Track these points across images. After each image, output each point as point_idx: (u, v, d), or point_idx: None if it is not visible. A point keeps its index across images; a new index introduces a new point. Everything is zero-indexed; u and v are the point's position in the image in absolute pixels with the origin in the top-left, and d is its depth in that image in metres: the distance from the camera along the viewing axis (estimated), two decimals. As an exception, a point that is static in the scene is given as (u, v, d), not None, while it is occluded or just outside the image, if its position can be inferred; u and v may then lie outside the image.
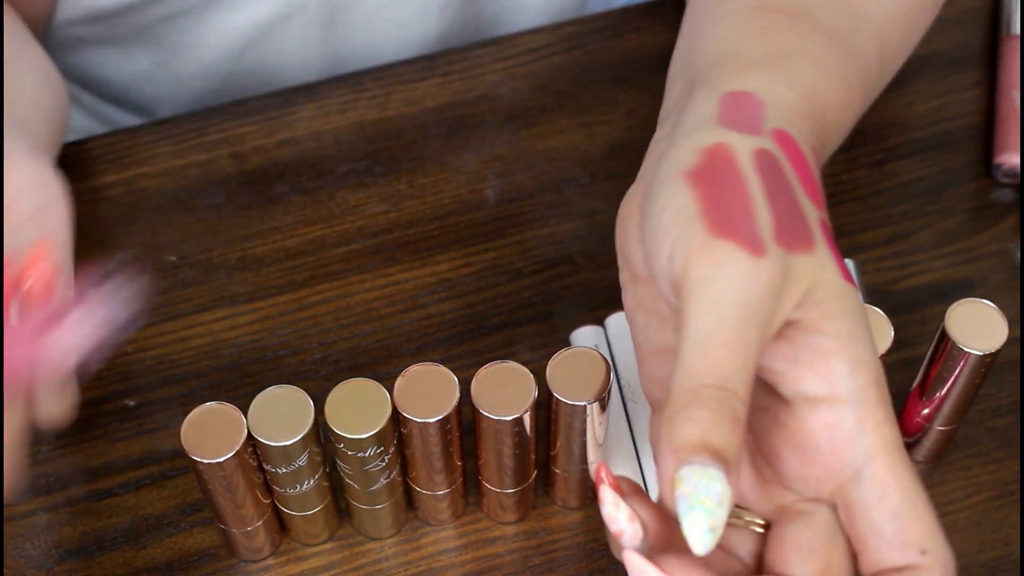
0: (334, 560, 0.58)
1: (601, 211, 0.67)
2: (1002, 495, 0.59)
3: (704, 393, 0.40)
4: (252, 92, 0.74)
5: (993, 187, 0.68)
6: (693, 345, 0.41)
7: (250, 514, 0.54)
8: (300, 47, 0.74)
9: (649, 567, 0.41)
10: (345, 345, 0.63)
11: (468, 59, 0.73)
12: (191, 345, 0.63)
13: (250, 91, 0.75)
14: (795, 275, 0.42)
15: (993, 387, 0.61)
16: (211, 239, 0.66)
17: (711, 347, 0.40)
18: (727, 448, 0.39)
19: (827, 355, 0.42)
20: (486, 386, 0.51)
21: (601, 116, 0.71)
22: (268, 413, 0.51)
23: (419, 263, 0.66)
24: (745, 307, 0.41)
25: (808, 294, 0.42)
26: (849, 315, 0.42)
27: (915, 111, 0.71)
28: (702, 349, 0.41)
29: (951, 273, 0.65)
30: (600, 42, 0.73)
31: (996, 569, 0.57)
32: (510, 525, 0.59)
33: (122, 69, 0.76)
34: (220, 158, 0.69)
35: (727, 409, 0.40)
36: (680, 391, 0.40)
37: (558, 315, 0.64)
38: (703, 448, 0.39)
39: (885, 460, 0.42)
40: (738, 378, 0.40)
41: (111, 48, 0.75)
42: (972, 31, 0.74)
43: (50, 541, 0.58)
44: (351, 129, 0.70)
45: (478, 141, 0.70)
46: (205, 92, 0.76)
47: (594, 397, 0.51)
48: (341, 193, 0.68)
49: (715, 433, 0.39)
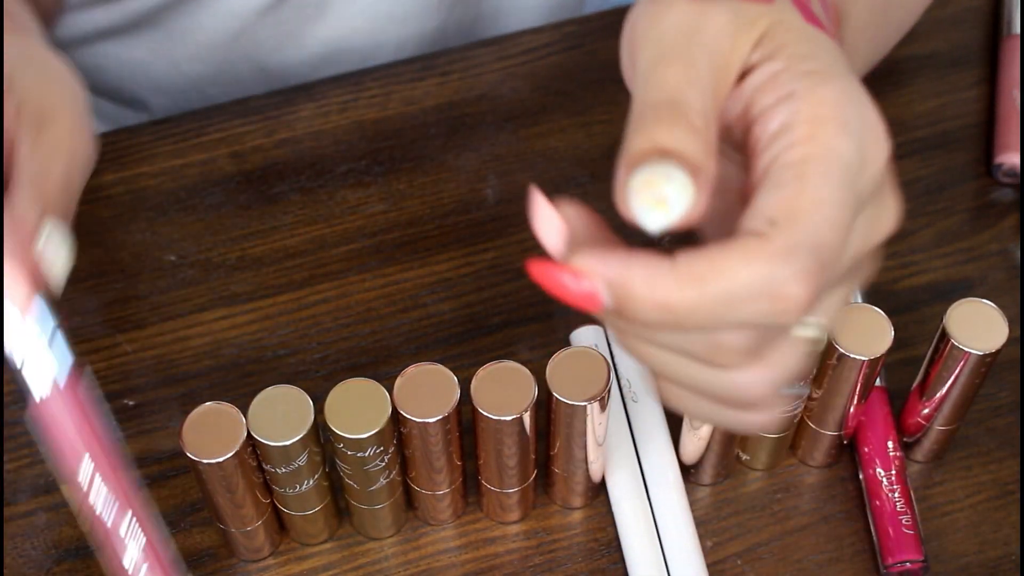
0: (334, 560, 0.58)
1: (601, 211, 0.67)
2: (1002, 495, 0.59)
3: (652, 110, 0.39)
4: (246, 79, 0.74)
5: (993, 187, 0.68)
6: (641, 80, 0.40)
7: (250, 514, 0.54)
8: (294, 33, 0.74)
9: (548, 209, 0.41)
10: (345, 345, 0.63)
11: (468, 59, 0.73)
12: (191, 345, 0.63)
13: (244, 78, 0.75)
14: (748, 18, 0.41)
15: (993, 387, 0.61)
16: (210, 239, 0.66)
17: (657, 70, 0.40)
18: (683, 149, 0.38)
19: (782, 76, 0.40)
20: (486, 386, 0.51)
21: (601, 116, 0.71)
22: (268, 413, 0.51)
23: (419, 263, 0.66)
24: (687, 35, 0.40)
25: (766, 34, 0.41)
26: (814, 51, 0.41)
27: (915, 111, 0.71)
28: (646, 77, 0.40)
29: (951, 273, 0.65)
30: (600, 42, 0.73)
31: (996, 569, 0.57)
32: (510, 525, 0.59)
33: (120, 60, 0.76)
34: (220, 157, 0.69)
35: (680, 118, 0.38)
36: (630, 117, 0.39)
37: (558, 315, 0.64)
38: (654, 151, 0.38)
39: (810, 152, 0.39)
40: (690, 93, 0.39)
41: (111, 39, 0.75)
42: (972, 31, 0.74)
43: (49, 541, 0.58)
44: (351, 129, 0.70)
45: (478, 141, 0.70)
46: (200, 78, 0.76)
47: (594, 397, 0.51)
48: (341, 193, 0.68)
49: (667, 138, 0.38)
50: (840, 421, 0.57)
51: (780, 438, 0.58)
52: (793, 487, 0.59)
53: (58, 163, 0.51)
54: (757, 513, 0.59)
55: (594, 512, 0.59)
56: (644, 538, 0.57)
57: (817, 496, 0.59)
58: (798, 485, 0.60)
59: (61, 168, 0.52)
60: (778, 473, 0.60)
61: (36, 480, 0.59)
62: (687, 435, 0.57)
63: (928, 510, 0.59)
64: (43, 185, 0.50)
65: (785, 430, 0.57)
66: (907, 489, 0.57)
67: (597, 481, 0.58)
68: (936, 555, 0.57)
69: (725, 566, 0.57)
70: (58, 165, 0.51)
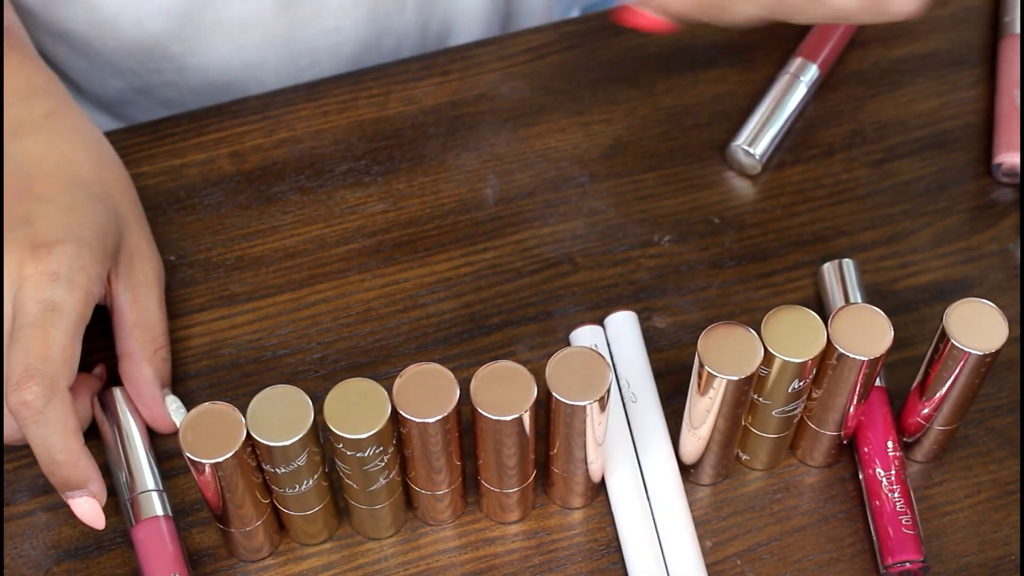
0: (333, 560, 0.58)
1: (601, 211, 0.67)
2: (1002, 495, 0.59)
3: None
4: (206, 43, 0.73)
5: (993, 186, 0.68)
6: None
7: (249, 514, 0.54)
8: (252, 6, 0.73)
9: None
10: (344, 345, 0.63)
11: (467, 58, 0.73)
12: (190, 345, 0.63)
13: (202, 43, 0.74)
14: None
15: (993, 387, 0.61)
16: (210, 238, 0.66)
17: None
18: None
19: None
20: (486, 386, 0.51)
21: (600, 115, 0.71)
22: (267, 413, 0.51)
23: (418, 262, 0.65)
24: None
25: None
26: None
27: (915, 110, 0.71)
28: None
29: (951, 273, 0.65)
30: (599, 41, 0.73)
31: (996, 569, 0.57)
32: (510, 525, 0.59)
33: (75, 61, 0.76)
34: (219, 157, 0.69)
35: None
36: None
37: (558, 315, 0.64)
38: None
39: None
40: None
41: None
42: (972, 30, 0.74)
43: (49, 541, 0.58)
44: (350, 128, 0.70)
45: (477, 140, 0.70)
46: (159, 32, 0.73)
47: (594, 397, 0.51)
48: (340, 192, 0.68)
49: None
50: (840, 421, 0.57)
51: (780, 438, 0.58)
52: (793, 487, 0.59)
53: (155, 303, 0.60)
54: (757, 513, 0.59)
55: (594, 512, 0.59)
56: (644, 538, 0.57)
57: (817, 496, 0.59)
58: (798, 485, 0.59)
59: (157, 307, 0.61)
60: (778, 473, 0.60)
61: (36, 480, 0.59)
62: (687, 435, 0.57)
63: (928, 510, 0.59)
64: (154, 339, 0.60)
65: (785, 430, 0.57)
66: (907, 489, 0.57)
67: (597, 481, 0.58)
68: (936, 555, 0.57)
69: (725, 566, 0.57)
70: (156, 306, 0.60)
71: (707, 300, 0.64)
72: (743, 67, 0.72)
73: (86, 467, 0.54)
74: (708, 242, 0.66)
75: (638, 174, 0.68)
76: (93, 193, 0.59)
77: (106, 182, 0.60)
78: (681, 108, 0.71)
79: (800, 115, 0.70)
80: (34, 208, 0.57)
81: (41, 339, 0.53)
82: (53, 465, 0.53)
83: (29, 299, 0.54)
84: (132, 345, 0.59)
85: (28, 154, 0.59)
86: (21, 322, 0.54)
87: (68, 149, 0.60)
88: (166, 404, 0.59)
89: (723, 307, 0.64)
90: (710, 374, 0.52)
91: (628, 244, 0.66)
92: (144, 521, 0.56)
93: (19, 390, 0.52)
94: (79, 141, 0.60)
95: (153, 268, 0.61)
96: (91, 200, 0.58)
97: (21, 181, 0.58)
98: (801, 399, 0.55)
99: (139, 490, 0.56)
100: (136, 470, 0.57)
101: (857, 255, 0.65)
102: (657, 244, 0.66)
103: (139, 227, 0.61)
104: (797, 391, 0.54)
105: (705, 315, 0.64)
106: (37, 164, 0.58)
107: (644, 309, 0.64)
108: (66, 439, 0.53)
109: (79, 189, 0.58)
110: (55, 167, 0.58)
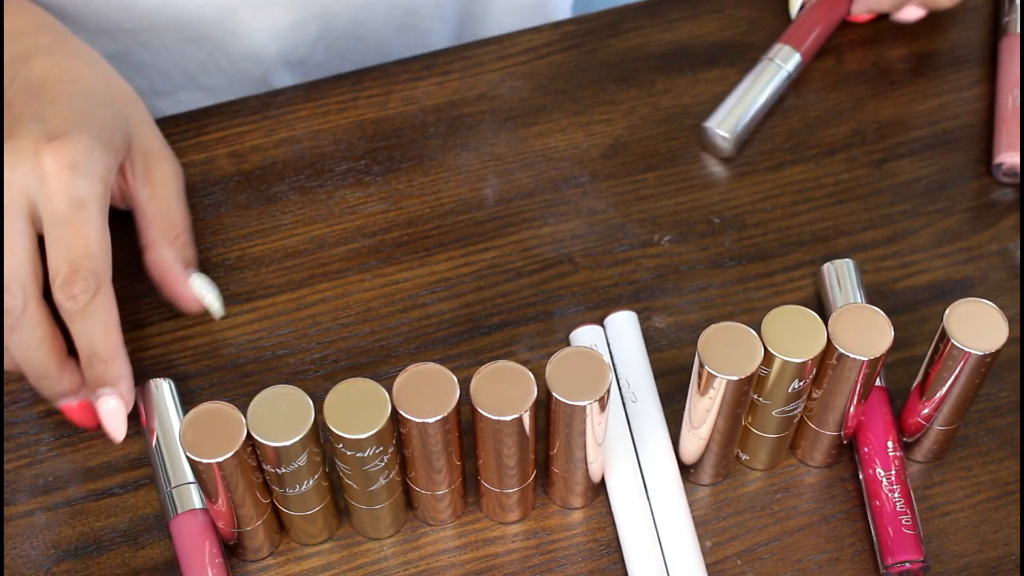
0: (333, 560, 0.58)
1: (600, 210, 0.67)
2: (1002, 495, 0.59)
3: None
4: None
5: (993, 186, 0.68)
6: None
7: (249, 514, 0.54)
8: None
9: None
10: (344, 345, 0.63)
11: (467, 58, 0.73)
12: (190, 345, 0.63)
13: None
14: None
15: (993, 387, 0.61)
16: (209, 238, 0.66)
17: None
18: None
19: None
20: (485, 386, 0.51)
21: (600, 115, 0.71)
22: (267, 413, 0.51)
23: (418, 262, 0.65)
24: None
25: None
26: None
27: (915, 110, 0.71)
28: None
29: (951, 273, 0.65)
30: (599, 41, 0.73)
31: (996, 569, 0.57)
32: (510, 525, 0.59)
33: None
34: (219, 157, 0.69)
35: None
36: None
37: (557, 315, 0.64)
38: None
39: None
40: None
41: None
42: (972, 30, 0.74)
43: (49, 541, 0.58)
44: (350, 128, 0.70)
45: (477, 140, 0.70)
46: None
47: (594, 397, 0.51)
48: (340, 192, 0.68)
49: None
50: (840, 421, 0.57)
51: (780, 438, 0.58)
52: (793, 487, 0.59)
53: (174, 197, 0.62)
54: (757, 513, 0.59)
55: (594, 512, 0.59)
56: (644, 538, 0.57)
57: (817, 496, 0.59)
58: (798, 485, 0.59)
59: (176, 200, 0.62)
60: (778, 473, 0.60)
61: (35, 480, 0.59)
62: (687, 435, 0.57)
63: (928, 510, 0.59)
64: (173, 226, 0.61)
65: (785, 430, 0.57)
66: (907, 489, 0.57)
67: (597, 481, 0.58)
68: (936, 555, 0.57)
69: (725, 566, 0.57)
70: (175, 200, 0.62)
71: (707, 300, 0.64)
72: (743, 67, 0.72)
73: (123, 364, 0.57)
74: (708, 242, 0.66)
75: (638, 174, 0.68)
76: (100, 99, 0.61)
77: (113, 92, 0.62)
78: (681, 108, 0.71)
79: (780, 101, 0.70)
80: (44, 108, 0.58)
81: (78, 236, 0.55)
82: (93, 358, 0.56)
83: (56, 197, 0.56)
84: (153, 234, 0.61)
85: (35, 72, 0.60)
86: (53, 220, 0.56)
87: (74, 65, 0.62)
88: (191, 282, 0.61)
89: (723, 307, 0.64)
90: (710, 374, 0.52)
91: (628, 244, 0.66)
92: (183, 514, 0.56)
93: (68, 284, 0.55)
94: (85, 61, 0.62)
95: (170, 166, 0.63)
96: (98, 104, 0.60)
97: (30, 91, 0.60)
98: (801, 399, 0.55)
99: (178, 483, 0.56)
100: (175, 463, 0.57)
101: (857, 255, 0.65)
102: (657, 244, 0.66)
103: (150, 131, 0.63)
104: (797, 391, 0.54)
105: (705, 315, 0.64)
106: (45, 77, 0.60)
107: (644, 309, 0.64)
108: (108, 332, 0.56)
109: (86, 95, 0.60)
110: (62, 78, 0.60)
